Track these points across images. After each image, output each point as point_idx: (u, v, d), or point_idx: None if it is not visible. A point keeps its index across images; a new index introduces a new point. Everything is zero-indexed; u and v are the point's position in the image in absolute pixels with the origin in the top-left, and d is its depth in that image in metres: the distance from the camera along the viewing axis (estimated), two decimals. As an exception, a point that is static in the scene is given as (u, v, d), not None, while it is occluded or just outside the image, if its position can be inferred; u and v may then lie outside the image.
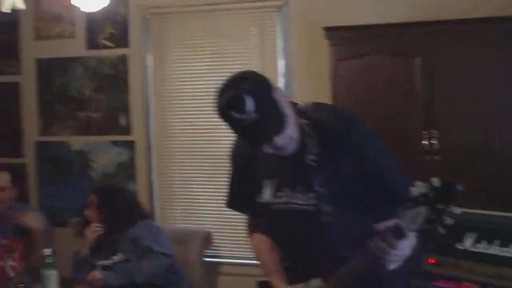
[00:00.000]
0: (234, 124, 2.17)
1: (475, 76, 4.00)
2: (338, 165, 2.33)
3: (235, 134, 2.31)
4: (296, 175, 2.39)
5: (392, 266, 2.17)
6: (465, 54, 4.04)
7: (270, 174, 2.46)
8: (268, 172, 2.46)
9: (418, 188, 1.98)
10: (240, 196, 2.64)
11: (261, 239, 2.66)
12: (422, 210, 1.97)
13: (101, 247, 4.38)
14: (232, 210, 2.74)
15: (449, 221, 1.95)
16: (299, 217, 2.41)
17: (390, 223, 2.09)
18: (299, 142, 2.34)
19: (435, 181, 1.95)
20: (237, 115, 2.12)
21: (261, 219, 2.64)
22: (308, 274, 2.44)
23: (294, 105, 2.40)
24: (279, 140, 2.23)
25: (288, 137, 2.26)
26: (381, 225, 2.13)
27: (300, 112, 2.38)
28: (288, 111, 2.26)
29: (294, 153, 2.35)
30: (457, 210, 1.94)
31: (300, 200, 2.39)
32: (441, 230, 1.97)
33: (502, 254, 2.79)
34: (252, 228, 2.73)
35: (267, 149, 2.30)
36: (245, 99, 2.11)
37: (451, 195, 1.94)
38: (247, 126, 2.14)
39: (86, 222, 4.42)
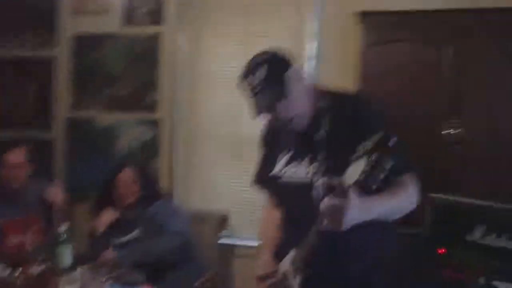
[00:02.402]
0: (249, 89, 2.50)
1: (505, 68, 3.87)
2: (345, 143, 2.42)
3: (250, 101, 2.54)
4: (305, 149, 2.60)
5: (330, 226, 2.23)
6: (498, 46, 3.91)
7: (284, 149, 2.70)
8: (283, 147, 2.70)
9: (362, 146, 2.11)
10: (263, 173, 2.86)
11: (270, 216, 2.88)
12: (361, 163, 2.08)
13: (119, 224, 4.38)
14: (256, 188, 2.95)
15: (382, 173, 2.05)
16: (298, 189, 2.59)
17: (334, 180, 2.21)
18: (313, 119, 2.57)
19: (375, 136, 2.08)
20: (252, 81, 2.48)
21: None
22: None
23: (318, 89, 2.67)
24: (281, 109, 2.49)
25: (294, 110, 2.52)
26: (325, 182, 2.24)
27: (323, 93, 2.65)
28: (301, 90, 2.54)
29: (307, 129, 2.59)
30: (389, 162, 2.03)
31: (303, 172, 2.58)
32: (374, 182, 2.07)
33: (510, 247, 2.72)
34: (268, 205, 2.95)
35: (278, 118, 2.56)
36: (259, 69, 2.48)
37: (385, 147, 2.05)
38: (255, 91, 2.48)
39: (102, 199, 4.42)
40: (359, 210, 2.19)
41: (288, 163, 2.66)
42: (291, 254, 2.58)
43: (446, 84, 4.02)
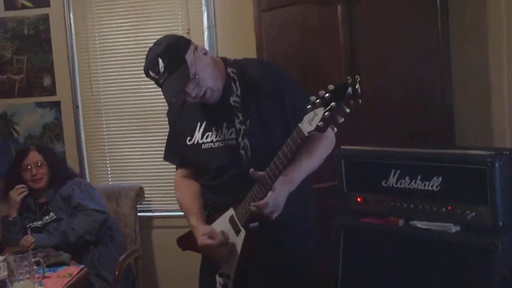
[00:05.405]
0: (155, 81, 2.61)
1: (393, 24, 4.05)
2: (258, 103, 2.69)
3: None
4: (222, 115, 2.73)
5: (274, 216, 2.50)
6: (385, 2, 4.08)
7: (199, 118, 2.80)
8: (198, 117, 2.81)
9: (316, 95, 2.19)
10: (174, 147, 2.98)
11: (186, 187, 2.96)
12: (318, 111, 2.16)
13: (32, 209, 4.37)
14: (168, 163, 3.09)
15: (341, 119, 2.16)
16: (223, 152, 2.73)
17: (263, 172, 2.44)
18: (226, 88, 2.71)
19: (330, 86, 2.15)
20: (153, 75, 2.58)
21: (189, 170, 2.96)
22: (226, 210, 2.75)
23: (224, 59, 2.83)
24: (191, 91, 2.61)
25: (205, 86, 2.63)
26: (255, 174, 2.46)
27: (230, 63, 2.80)
28: (206, 66, 2.65)
29: (221, 98, 2.72)
30: (347, 109, 2.14)
31: (224, 136, 2.71)
32: (334, 128, 2.20)
33: (423, 188, 2.90)
34: (179, 178, 3.02)
35: (191, 99, 2.67)
36: (157, 61, 2.56)
37: (342, 95, 2.12)
38: (162, 82, 2.58)
39: (9, 185, 4.39)
40: (286, 187, 2.50)
41: (206, 130, 2.77)
42: (227, 213, 2.71)
43: (342, 42, 4.15)
